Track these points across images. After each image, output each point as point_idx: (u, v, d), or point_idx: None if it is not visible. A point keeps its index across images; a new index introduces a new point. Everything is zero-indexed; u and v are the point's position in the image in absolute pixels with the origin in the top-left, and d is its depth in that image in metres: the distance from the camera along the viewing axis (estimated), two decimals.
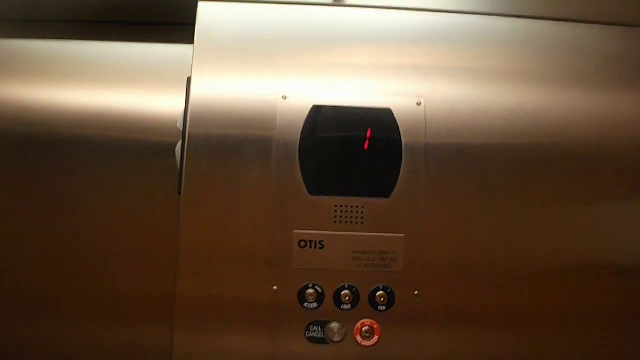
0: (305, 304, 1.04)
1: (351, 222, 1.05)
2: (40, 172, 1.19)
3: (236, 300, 1.04)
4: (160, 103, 1.21)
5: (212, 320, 1.03)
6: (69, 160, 1.19)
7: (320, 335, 1.03)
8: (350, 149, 1.07)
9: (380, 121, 1.07)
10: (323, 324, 1.04)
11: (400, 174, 1.06)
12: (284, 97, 1.07)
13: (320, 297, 1.04)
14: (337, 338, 1.03)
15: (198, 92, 1.06)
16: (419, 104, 1.07)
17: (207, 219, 1.05)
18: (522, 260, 1.06)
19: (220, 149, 1.05)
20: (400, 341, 1.04)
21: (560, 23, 1.16)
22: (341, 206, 1.05)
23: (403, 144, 1.06)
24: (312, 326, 1.04)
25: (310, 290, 1.04)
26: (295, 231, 1.05)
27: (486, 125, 1.08)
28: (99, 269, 1.16)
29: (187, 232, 1.04)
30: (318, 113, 1.07)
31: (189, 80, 1.08)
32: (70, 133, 1.19)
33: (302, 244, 1.05)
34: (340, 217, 1.05)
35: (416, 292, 1.05)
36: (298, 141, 1.06)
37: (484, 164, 1.07)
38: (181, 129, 1.08)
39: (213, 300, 1.03)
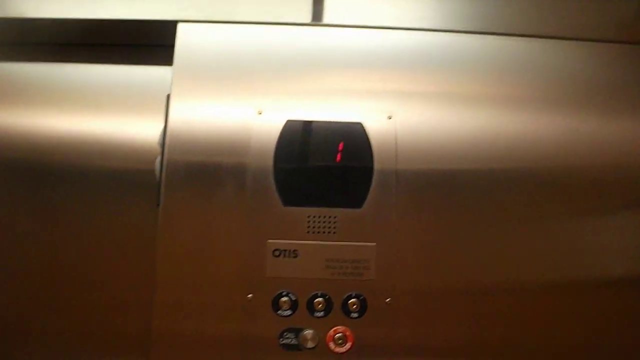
0: (279, 312, 1.06)
1: (324, 232, 1.08)
2: (17, 199, 1.19)
3: (211, 307, 1.06)
4: (141, 128, 1.24)
5: (186, 327, 1.05)
6: (47, 187, 1.18)
7: (294, 342, 1.06)
8: (323, 161, 1.10)
9: (352, 134, 1.11)
10: (297, 331, 1.06)
11: (372, 185, 1.10)
12: (260, 113, 1.12)
13: (294, 305, 1.06)
14: (310, 345, 1.05)
15: (176, 113, 1.11)
16: (389, 117, 1.12)
17: (183, 230, 1.08)
18: (489, 273, 1.10)
19: (197, 164, 1.09)
20: (372, 348, 1.06)
21: (534, 39, 1.21)
22: (314, 216, 1.09)
23: (374, 156, 1.10)
24: (285, 333, 1.06)
25: (284, 298, 1.07)
26: (269, 241, 1.08)
27: (455, 144, 1.12)
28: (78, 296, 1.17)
29: (164, 242, 1.07)
30: (292, 127, 1.11)
31: (168, 97, 1.13)
32: (50, 159, 1.18)
33: (277, 253, 1.08)
34: (314, 227, 1.09)
35: (388, 300, 1.07)
36: (273, 154, 1.10)
37: (453, 177, 1.11)
38: (160, 146, 1.12)
39: (189, 307, 1.05)
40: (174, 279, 1.07)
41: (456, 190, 1.11)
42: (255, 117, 1.11)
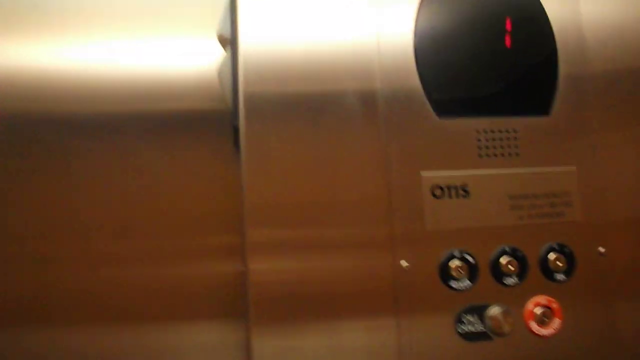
0: (452, 282, 0.67)
1: (503, 155, 0.70)
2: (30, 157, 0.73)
3: (342, 286, 0.65)
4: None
5: (299, 317, 0.64)
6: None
7: (480, 328, 0.67)
8: (488, 45, 0.71)
9: (523, 8, 0.72)
10: (480, 310, 0.67)
11: (559, 82, 0.72)
12: None
13: (472, 271, 0.68)
14: (505, 329, 0.67)
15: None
16: None
17: (281, 163, 0.65)
18: None
19: (302, 52, 0.66)
20: (587, 322, 0.70)
21: None
22: (486, 131, 0.70)
23: (557, 41, 0.72)
24: (465, 315, 0.67)
25: (457, 262, 0.67)
26: (424, 173, 0.68)
27: None
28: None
29: (252, 186, 0.64)
30: None
31: None
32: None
33: (438, 192, 0.68)
34: (487, 147, 0.70)
35: (602, 249, 0.71)
36: (412, 32, 0.69)
37: None
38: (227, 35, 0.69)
39: (302, 288, 0.64)
40: (271, 246, 0.65)
41: None
42: None
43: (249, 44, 0.67)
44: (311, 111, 0.67)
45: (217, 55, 0.75)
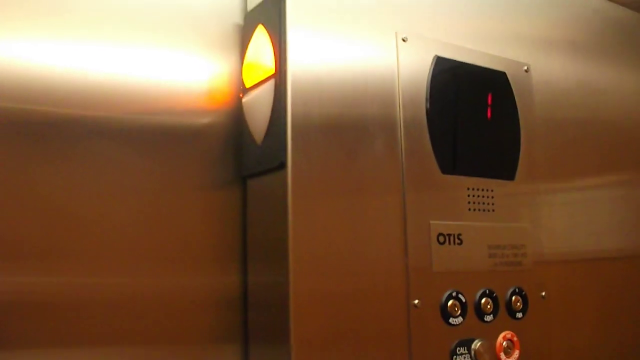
0: (450, 319, 0.77)
1: (484, 210, 0.83)
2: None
3: (365, 321, 0.71)
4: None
5: (334, 348, 0.69)
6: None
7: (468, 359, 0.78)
8: (475, 117, 0.85)
9: (498, 84, 0.88)
10: (469, 344, 0.79)
11: (521, 152, 0.88)
12: (404, 39, 0.79)
13: (463, 308, 0.79)
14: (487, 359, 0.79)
15: (297, 47, 0.72)
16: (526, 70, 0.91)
17: (321, 216, 0.70)
18: None
19: (333, 112, 0.72)
20: (533, 352, 0.85)
21: None
22: (474, 189, 0.82)
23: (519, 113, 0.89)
24: (458, 348, 0.78)
25: (453, 301, 0.78)
26: (432, 222, 0.78)
27: None
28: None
29: (298, 233, 0.68)
30: (442, 67, 0.82)
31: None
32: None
33: (441, 239, 0.78)
34: (474, 202, 0.82)
35: (543, 293, 0.87)
36: (425, 102, 0.80)
37: None
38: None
39: (334, 321, 0.69)
40: (312, 288, 0.69)
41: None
42: (400, 44, 0.79)
43: (296, 76, 0.70)
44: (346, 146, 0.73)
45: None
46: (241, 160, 0.78)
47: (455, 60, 0.83)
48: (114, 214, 0.70)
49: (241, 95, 0.79)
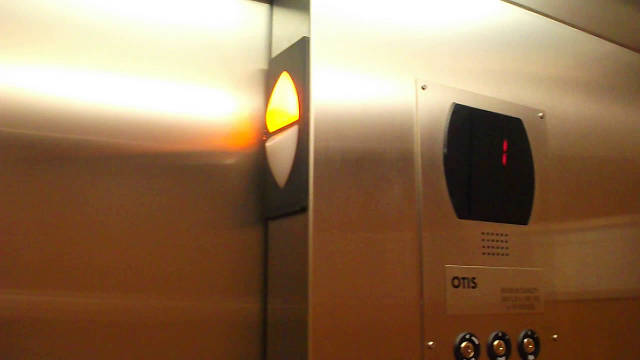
0: None
1: (498, 254, 0.85)
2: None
3: (379, 358, 0.74)
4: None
5: None
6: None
7: None
8: (490, 163, 0.87)
9: (513, 130, 0.90)
10: None
11: (534, 198, 0.90)
12: (423, 88, 0.82)
13: (476, 351, 0.81)
14: None
15: (320, 85, 0.75)
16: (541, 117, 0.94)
17: (340, 255, 0.73)
18: None
19: (353, 158, 0.75)
20: None
21: None
22: (488, 233, 0.84)
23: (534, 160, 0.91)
24: None
25: (466, 343, 0.80)
26: (447, 266, 0.80)
27: None
28: None
29: (317, 270, 0.71)
30: (460, 114, 0.85)
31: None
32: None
33: (456, 282, 0.80)
34: (488, 247, 0.84)
35: (555, 336, 0.89)
36: (443, 149, 0.82)
37: None
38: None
39: (350, 355, 0.72)
40: (330, 334, 0.71)
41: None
42: (420, 92, 0.82)
43: (319, 122, 0.73)
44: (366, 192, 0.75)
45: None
46: (263, 202, 0.81)
47: (472, 108, 0.86)
48: (140, 251, 0.73)
49: (264, 138, 0.82)
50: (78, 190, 0.71)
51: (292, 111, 0.76)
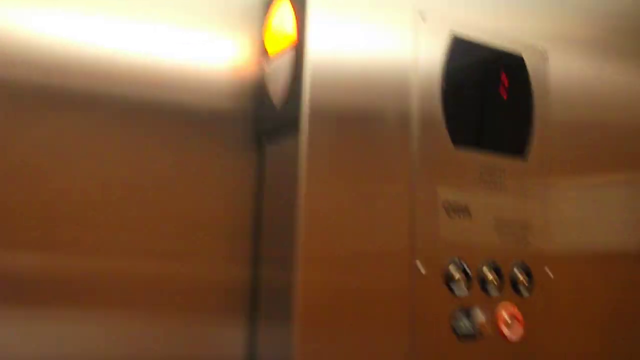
0: (454, 288, 0.80)
1: (493, 184, 0.85)
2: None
3: (369, 282, 0.74)
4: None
5: (340, 314, 0.72)
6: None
7: (469, 329, 0.81)
8: (489, 95, 0.87)
9: (512, 66, 0.90)
10: (468, 312, 0.81)
11: (534, 133, 0.90)
12: (424, 19, 0.82)
13: (467, 279, 0.81)
14: (484, 331, 0.81)
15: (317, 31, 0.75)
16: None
17: (331, 178, 0.74)
18: None
19: (350, 83, 0.76)
20: (545, 329, 0.87)
21: None
22: (484, 165, 0.85)
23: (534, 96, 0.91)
24: (457, 313, 0.80)
25: (458, 271, 0.81)
26: (441, 192, 0.80)
27: None
28: None
29: (309, 192, 0.72)
30: (458, 46, 0.85)
31: None
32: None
33: (449, 209, 0.81)
34: (484, 177, 0.84)
35: (549, 272, 0.89)
36: (440, 78, 0.82)
37: None
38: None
39: (342, 286, 0.73)
40: (321, 255, 0.72)
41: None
42: (420, 24, 0.82)
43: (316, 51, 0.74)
44: (361, 125, 0.76)
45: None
46: (261, 124, 0.82)
47: (473, 42, 0.86)
48: (134, 177, 0.75)
49: (263, 63, 0.83)
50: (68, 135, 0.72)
51: (290, 32, 0.77)
